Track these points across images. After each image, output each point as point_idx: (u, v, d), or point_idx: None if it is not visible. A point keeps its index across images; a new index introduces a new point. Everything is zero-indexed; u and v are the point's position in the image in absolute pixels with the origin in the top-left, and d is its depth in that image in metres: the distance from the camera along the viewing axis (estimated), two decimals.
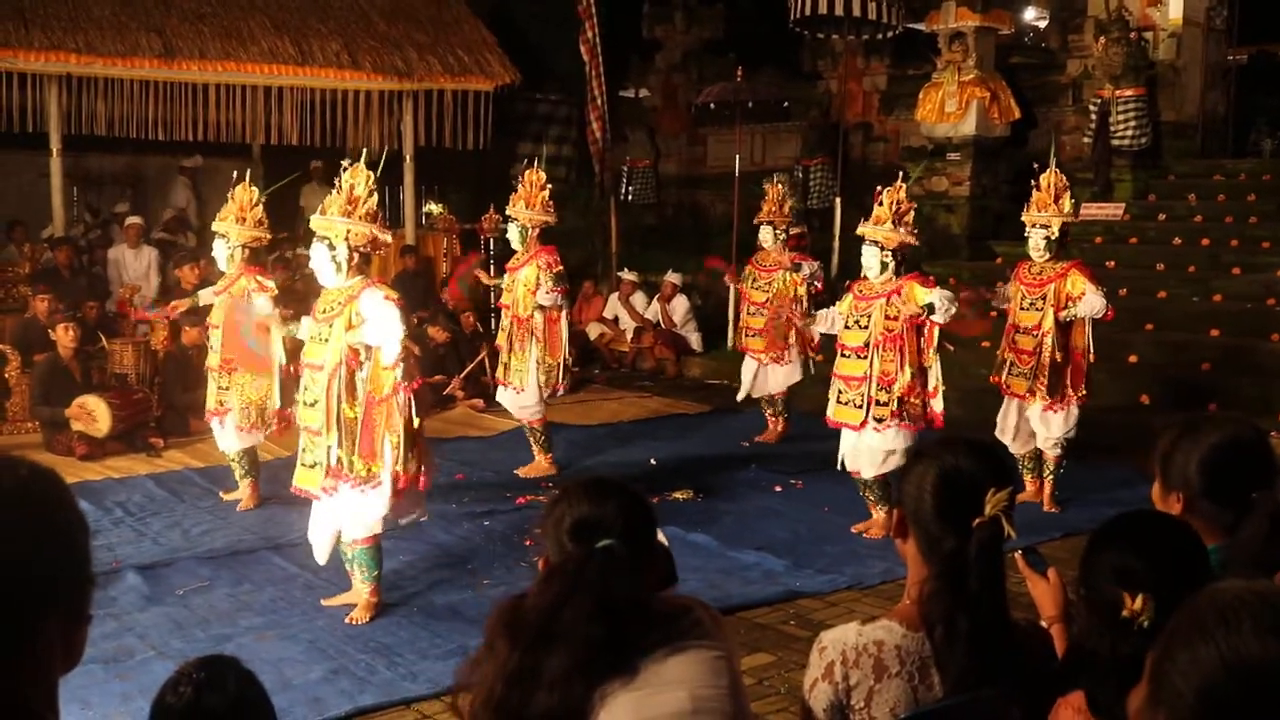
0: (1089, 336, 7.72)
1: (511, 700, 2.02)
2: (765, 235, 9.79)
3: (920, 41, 14.92)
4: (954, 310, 6.84)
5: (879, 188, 7.26)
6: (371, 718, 4.80)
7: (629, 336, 13.82)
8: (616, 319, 14.03)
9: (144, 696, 4.76)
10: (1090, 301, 7.48)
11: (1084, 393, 7.72)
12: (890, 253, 6.99)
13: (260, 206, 7.56)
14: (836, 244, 13.29)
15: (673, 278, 13.78)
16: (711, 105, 15.92)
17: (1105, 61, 12.88)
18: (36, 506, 1.37)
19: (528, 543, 6.84)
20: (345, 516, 5.75)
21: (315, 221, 5.80)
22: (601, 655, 2.02)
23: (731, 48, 17.20)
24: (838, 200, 13.83)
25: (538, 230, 8.57)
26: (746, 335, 9.84)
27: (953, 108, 13.61)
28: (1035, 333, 7.66)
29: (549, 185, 8.69)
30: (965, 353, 8.75)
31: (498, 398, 9.00)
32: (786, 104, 16.48)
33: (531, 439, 8.80)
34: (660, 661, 2.06)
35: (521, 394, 8.55)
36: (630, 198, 17.08)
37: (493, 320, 13.51)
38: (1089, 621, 2.23)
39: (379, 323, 5.58)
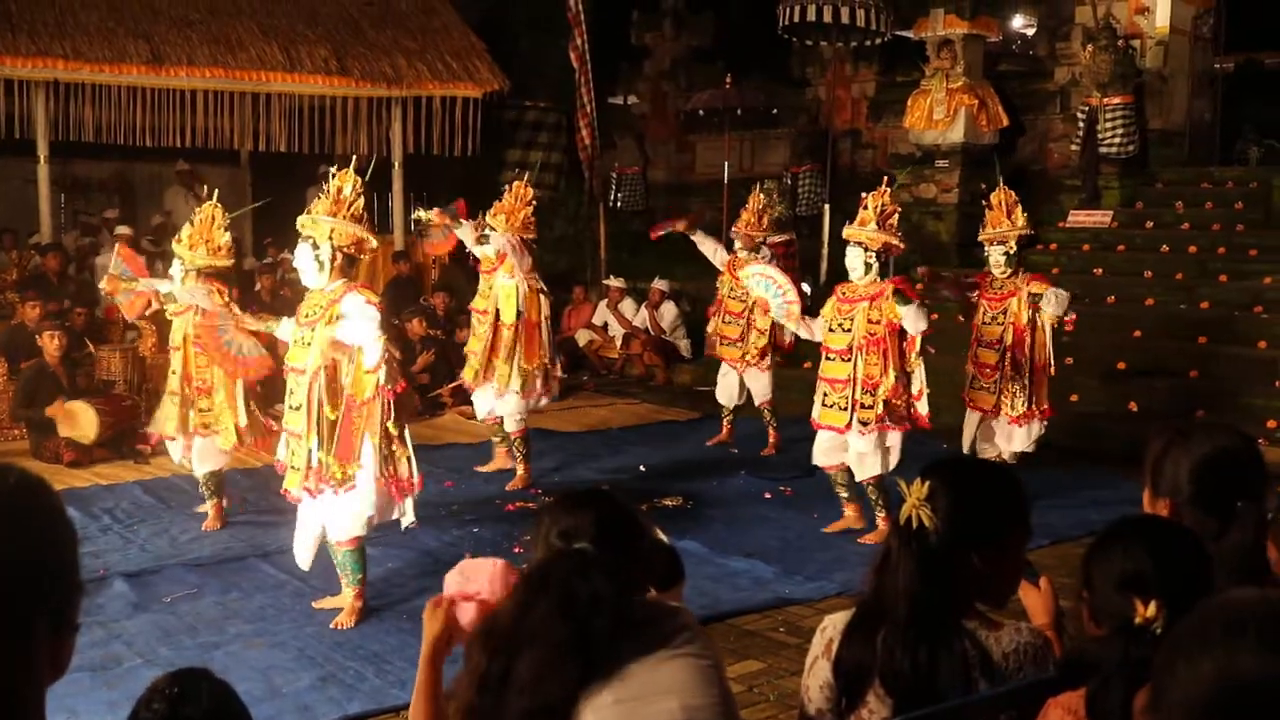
0: (1049, 350, 7.94)
1: (485, 706, 2.02)
2: (741, 251, 9.73)
3: (909, 49, 14.96)
4: (924, 326, 6.93)
5: (863, 194, 7.35)
6: None
7: (618, 343, 13.82)
8: (606, 325, 14.03)
9: (131, 705, 4.71)
10: (1052, 295, 7.71)
11: (1045, 406, 7.95)
12: (874, 254, 7.09)
13: (225, 230, 7.24)
14: (825, 250, 13.31)
15: (660, 284, 13.78)
16: (700, 112, 15.94)
17: (1093, 69, 12.91)
18: (24, 515, 1.36)
19: (516, 549, 6.83)
20: (327, 519, 5.79)
21: (300, 221, 5.83)
22: (571, 656, 2.01)
23: (720, 55, 17.21)
24: (826, 207, 13.85)
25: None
26: (721, 343, 9.85)
27: (941, 115, 13.64)
28: (997, 347, 7.90)
29: (534, 201, 8.49)
30: (952, 359, 8.79)
31: (474, 399, 8.75)
32: (775, 111, 16.51)
33: (511, 448, 8.65)
34: (651, 669, 2.06)
35: (502, 399, 8.44)
36: (619, 204, 17.08)
37: None
38: (1091, 628, 2.23)
39: (356, 322, 5.59)
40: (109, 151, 13.49)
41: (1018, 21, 17.04)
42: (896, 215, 7.27)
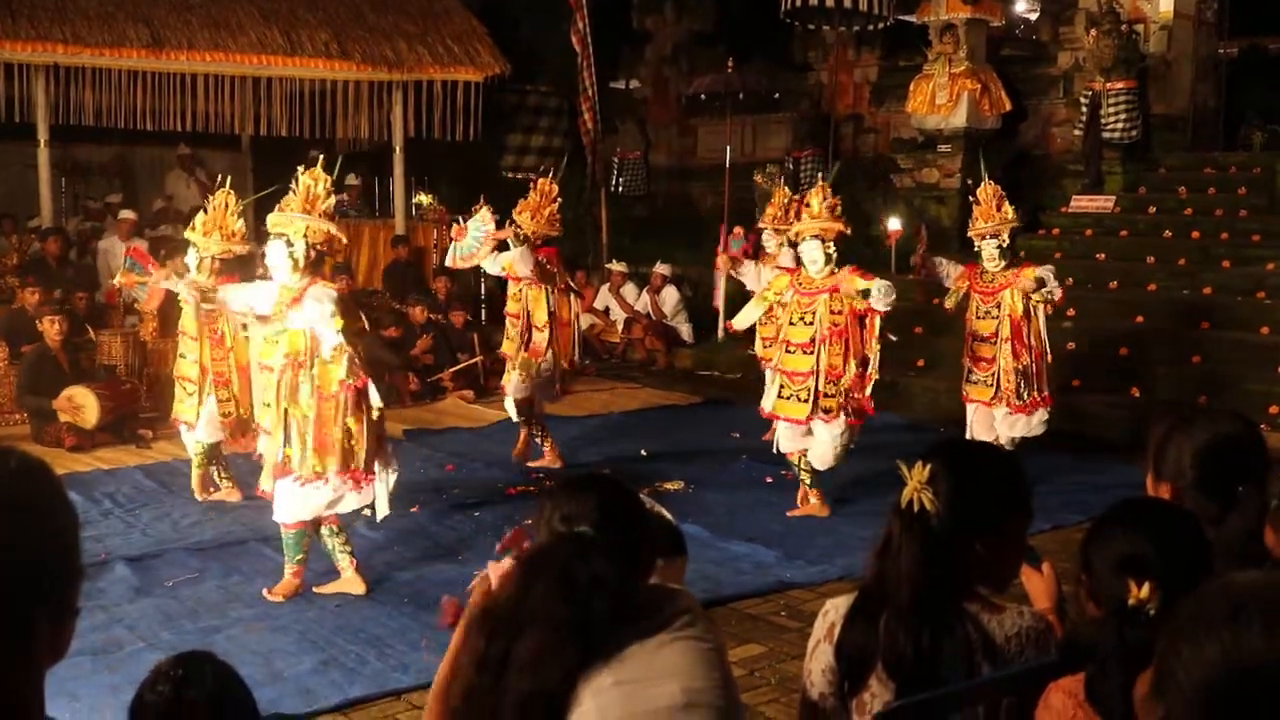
0: (1044, 338, 8.02)
1: (483, 687, 2.01)
2: (769, 242, 9.70)
3: (911, 33, 14.91)
4: (892, 298, 7.08)
5: (795, 198, 7.55)
6: (362, 709, 4.79)
7: (619, 328, 13.82)
8: (607, 310, 14.03)
9: (133, 688, 4.67)
10: (1045, 275, 7.82)
11: (1046, 394, 8.04)
12: (830, 243, 7.30)
13: (238, 217, 7.28)
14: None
15: (662, 269, 13.78)
16: (702, 96, 15.90)
17: (1096, 54, 12.87)
18: (26, 498, 1.35)
19: None
20: (279, 501, 5.90)
21: (273, 218, 5.89)
22: (571, 638, 2.01)
23: (722, 39, 17.15)
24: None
25: (539, 241, 8.36)
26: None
27: (943, 99, 13.60)
28: (993, 340, 7.97)
29: (560, 198, 8.46)
30: (955, 341, 8.80)
31: (507, 405, 8.78)
32: (777, 95, 16.46)
33: (530, 433, 8.74)
34: (652, 652, 2.05)
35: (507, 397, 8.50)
36: (621, 189, 17.05)
37: (483, 312, 13.52)
38: (1090, 610, 2.23)
39: (312, 307, 5.67)
40: (109, 135, 13.46)
41: (1021, 6, 17.00)
42: (839, 205, 7.50)
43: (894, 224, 9.14)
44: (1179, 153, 13.57)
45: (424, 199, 9.97)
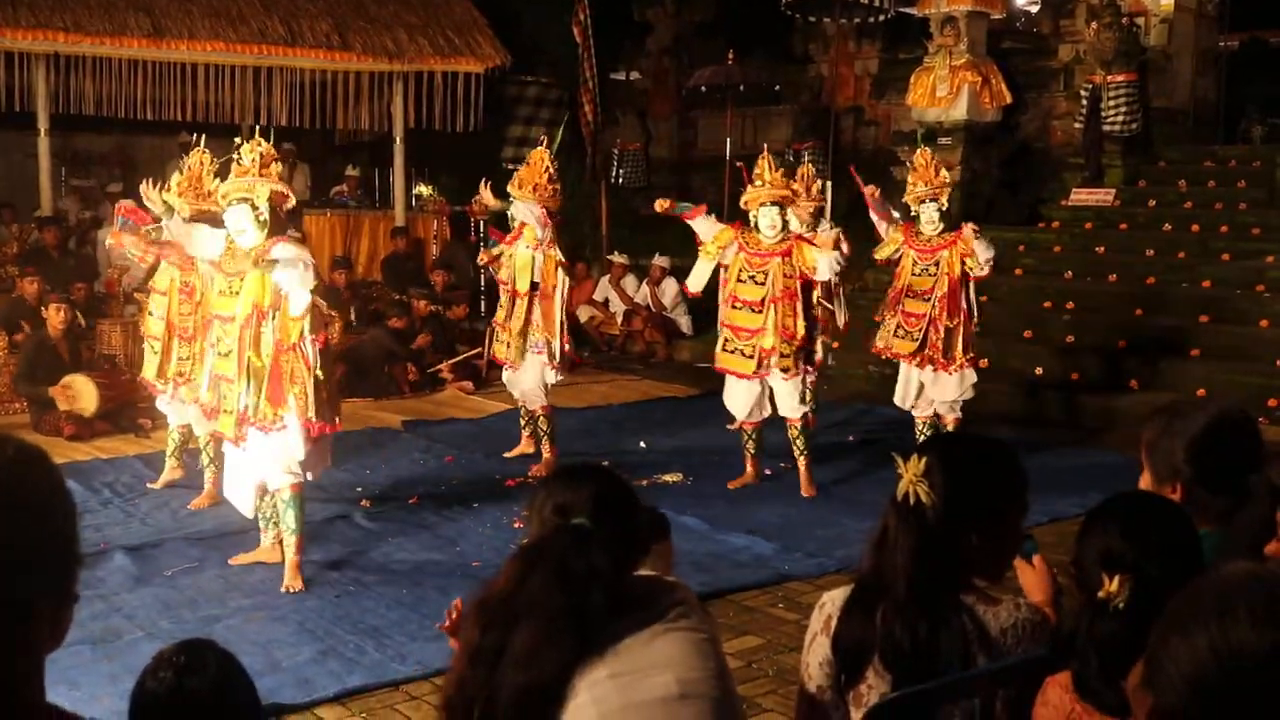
0: (973, 301, 8.18)
1: (477, 679, 2.00)
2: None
3: (912, 26, 14.90)
4: (839, 269, 7.57)
5: (744, 169, 8.00)
6: (360, 699, 4.80)
7: (619, 319, 13.82)
8: (607, 302, 14.03)
9: (132, 677, 4.67)
10: (981, 248, 7.92)
11: (971, 355, 8.15)
12: (786, 210, 7.68)
13: (214, 176, 7.17)
14: (828, 227, 13.25)
15: (661, 261, 13.77)
16: (703, 88, 15.89)
17: (1097, 47, 12.86)
18: (24, 487, 1.36)
19: (516, 524, 6.84)
20: (266, 466, 5.94)
21: (232, 185, 5.92)
22: (567, 629, 2.01)
23: (722, 31, 17.14)
24: (828, 184, 13.80)
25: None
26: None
27: (944, 92, 13.58)
28: (928, 297, 8.09)
29: (551, 167, 8.32)
30: None
31: (504, 380, 8.70)
32: (778, 87, 16.44)
33: (534, 429, 8.51)
34: (646, 644, 2.05)
35: (517, 375, 8.36)
36: (621, 181, 17.03)
37: (482, 304, 13.51)
38: (1076, 602, 2.25)
39: (288, 268, 5.71)
40: (110, 125, 13.45)
41: None
42: (781, 169, 7.81)
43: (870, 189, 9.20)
44: (1179, 146, 13.57)
45: (424, 190, 9.98)
